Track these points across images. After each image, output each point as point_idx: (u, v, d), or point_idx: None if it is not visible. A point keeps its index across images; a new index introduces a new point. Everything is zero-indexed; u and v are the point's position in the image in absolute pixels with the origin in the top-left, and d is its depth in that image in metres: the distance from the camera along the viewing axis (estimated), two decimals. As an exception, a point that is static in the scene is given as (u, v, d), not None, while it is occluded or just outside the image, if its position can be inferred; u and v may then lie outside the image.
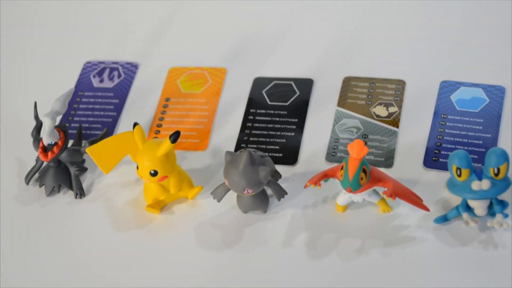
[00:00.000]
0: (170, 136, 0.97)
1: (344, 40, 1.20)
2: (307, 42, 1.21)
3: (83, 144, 1.06)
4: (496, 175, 0.93)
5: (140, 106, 1.16)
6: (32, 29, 1.28)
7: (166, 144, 0.97)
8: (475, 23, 1.19)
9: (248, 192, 0.96)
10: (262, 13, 1.25)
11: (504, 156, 0.92)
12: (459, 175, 0.93)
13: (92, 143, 1.04)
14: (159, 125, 1.13)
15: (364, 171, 0.93)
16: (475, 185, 0.92)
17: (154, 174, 0.98)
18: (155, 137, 1.11)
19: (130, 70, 1.20)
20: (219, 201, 0.99)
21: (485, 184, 0.92)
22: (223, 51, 1.21)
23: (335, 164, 1.04)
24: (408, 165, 1.04)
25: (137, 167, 0.99)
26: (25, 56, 1.25)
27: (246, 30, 1.23)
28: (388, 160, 1.05)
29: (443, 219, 0.97)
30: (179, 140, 1.08)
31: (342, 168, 0.94)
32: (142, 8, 1.28)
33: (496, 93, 1.10)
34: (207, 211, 1.02)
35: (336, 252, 0.96)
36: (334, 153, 1.06)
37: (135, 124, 0.99)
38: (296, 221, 1.00)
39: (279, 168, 1.05)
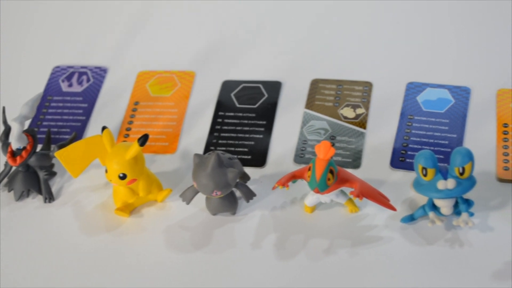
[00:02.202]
0: (139, 140, 0.97)
1: (312, 43, 1.21)
2: (275, 45, 1.22)
3: (52, 148, 1.06)
4: (461, 174, 0.94)
5: (109, 110, 1.16)
6: None
7: (135, 147, 0.97)
8: (441, 25, 1.21)
9: (216, 194, 0.96)
10: (230, 17, 1.26)
11: (468, 155, 0.94)
12: (425, 175, 0.94)
13: (60, 147, 1.04)
14: (128, 129, 1.13)
15: (331, 171, 0.94)
16: (441, 184, 0.93)
17: (123, 177, 0.98)
18: (124, 141, 1.11)
19: (99, 74, 1.20)
20: (188, 203, 0.99)
21: (450, 183, 0.93)
22: (192, 55, 1.22)
23: (303, 166, 1.04)
24: (375, 166, 1.05)
25: (106, 171, 0.99)
26: (-7, 60, 1.25)
27: (214, 33, 1.24)
28: (356, 161, 1.06)
29: (410, 218, 0.98)
30: (148, 143, 1.08)
31: (309, 169, 0.95)
32: (111, 12, 1.29)
33: (461, 93, 1.11)
34: (176, 214, 1.02)
35: (305, 253, 0.97)
36: (302, 154, 1.07)
37: (103, 128, 1.00)
38: (264, 222, 1.00)
39: (248, 170, 1.05)
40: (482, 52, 1.16)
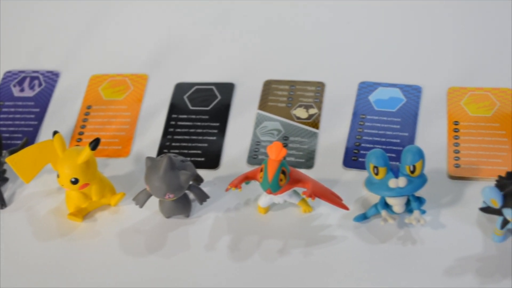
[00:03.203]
0: (90, 144, 0.97)
1: (265, 44, 1.21)
2: (227, 47, 1.22)
3: (3, 154, 1.05)
4: (412, 172, 0.95)
5: (61, 115, 1.15)
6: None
7: (86, 151, 0.97)
8: (392, 25, 1.22)
9: (169, 197, 0.96)
10: (182, 19, 1.26)
11: (419, 153, 0.94)
12: (376, 174, 0.95)
13: (12, 152, 1.03)
14: (81, 133, 1.12)
15: (284, 172, 0.94)
16: (392, 182, 0.94)
17: (75, 182, 0.98)
18: (77, 145, 1.10)
19: (51, 78, 1.20)
20: (141, 206, 0.99)
21: (401, 182, 0.94)
22: (144, 58, 1.21)
23: (256, 167, 1.04)
24: (328, 166, 1.06)
25: (58, 176, 0.99)
26: None
27: (167, 36, 1.24)
28: (309, 161, 1.06)
29: (363, 217, 0.99)
30: (101, 147, 1.08)
31: (261, 170, 0.95)
32: (63, 16, 1.28)
33: (413, 92, 1.12)
34: (130, 217, 1.02)
35: (259, 253, 0.97)
36: (256, 156, 1.08)
37: (54, 133, 0.99)
38: (218, 224, 1.00)
39: (202, 172, 1.05)
40: (432, 51, 1.17)
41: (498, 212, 0.92)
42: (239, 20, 1.25)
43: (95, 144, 0.97)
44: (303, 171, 1.04)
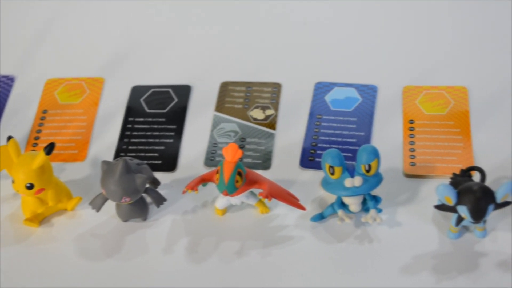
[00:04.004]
0: (45, 148, 0.96)
1: (221, 46, 1.21)
2: (184, 49, 1.22)
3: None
4: (368, 171, 0.95)
5: (17, 119, 1.14)
6: None
7: (41, 156, 0.96)
8: (346, 25, 1.22)
9: (125, 200, 0.96)
10: (138, 22, 1.25)
11: (374, 152, 0.95)
12: (332, 173, 0.95)
13: (-34, 159, 1.02)
14: (37, 138, 1.12)
15: (240, 173, 0.94)
16: (348, 182, 0.95)
17: (30, 187, 0.97)
18: (33, 150, 1.10)
19: (6, 83, 1.19)
20: (98, 211, 0.99)
21: (357, 181, 0.94)
22: (100, 61, 1.21)
23: (214, 169, 1.04)
24: (285, 166, 1.06)
25: (13, 181, 0.98)
26: None
27: (122, 39, 1.23)
28: (266, 162, 1.06)
29: (320, 217, 0.99)
30: (57, 151, 1.07)
31: (217, 172, 0.95)
32: (17, 19, 1.27)
33: (368, 92, 1.13)
34: (87, 222, 1.02)
35: (217, 255, 0.97)
36: (213, 157, 1.08)
37: (9, 138, 0.98)
38: (176, 227, 1.00)
39: (159, 175, 1.05)
40: (388, 51, 1.18)
41: (452, 209, 0.93)
42: (195, 22, 1.25)
43: (49, 148, 0.96)
44: (260, 172, 1.04)
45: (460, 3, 1.22)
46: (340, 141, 1.08)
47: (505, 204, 0.93)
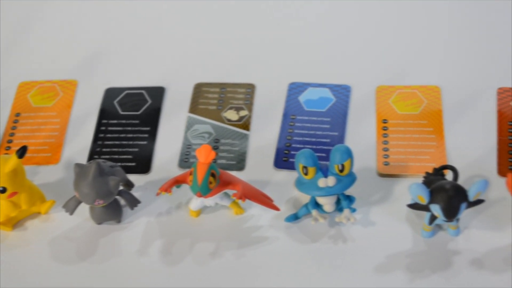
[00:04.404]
0: (17, 152, 0.96)
1: (194, 47, 1.21)
2: (157, 50, 1.21)
3: None
4: (341, 171, 0.95)
5: (-11, 123, 1.14)
6: None
7: (13, 159, 0.96)
8: (320, 25, 1.22)
9: (99, 203, 0.96)
10: (111, 24, 1.25)
11: (347, 152, 0.95)
12: (306, 174, 0.95)
13: None
14: (10, 141, 1.11)
15: (213, 175, 0.94)
16: (321, 182, 0.95)
17: (3, 191, 0.97)
18: (6, 153, 1.09)
19: (-22, 86, 1.18)
20: (71, 214, 0.98)
21: (330, 181, 0.95)
22: (74, 63, 1.20)
23: (188, 170, 1.04)
24: (259, 167, 1.06)
25: (-15, 185, 0.97)
26: None
27: (96, 41, 1.23)
28: (240, 163, 1.06)
29: (294, 217, 0.99)
30: (30, 154, 1.07)
31: (191, 174, 0.95)
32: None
33: (342, 92, 1.13)
34: (61, 225, 1.01)
35: (191, 257, 0.97)
36: (187, 159, 1.07)
37: (-19, 141, 0.98)
38: (150, 229, 1.00)
39: (133, 177, 1.05)
40: (361, 50, 1.19)
41: (425, 208, 0.93)
42: (169, 24, 1.25)
43: (22, 152, 0.96)
44: (234, 173, 1.04)
45: (432, 4, 1.22)
46: (314, 141, 1.08)
47: (478, 202, 0.93)
